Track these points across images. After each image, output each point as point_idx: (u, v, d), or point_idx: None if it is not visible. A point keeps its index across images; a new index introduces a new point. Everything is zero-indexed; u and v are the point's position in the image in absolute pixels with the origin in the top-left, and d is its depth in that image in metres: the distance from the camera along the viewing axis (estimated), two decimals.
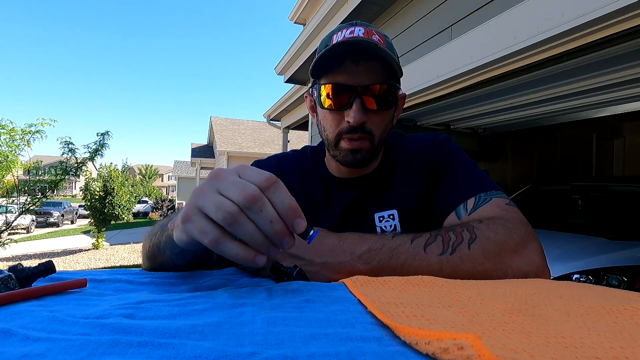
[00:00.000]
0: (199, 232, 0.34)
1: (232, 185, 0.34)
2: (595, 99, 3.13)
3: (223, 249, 0.34)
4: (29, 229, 13.56)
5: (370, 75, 0.61)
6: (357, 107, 0.60)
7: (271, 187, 0.35)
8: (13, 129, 5.58)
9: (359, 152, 0.64)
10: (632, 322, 0.24)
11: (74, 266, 7.14)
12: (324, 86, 0.63)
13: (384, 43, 0.62)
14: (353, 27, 0.62)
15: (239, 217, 0.33)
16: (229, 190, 0.34)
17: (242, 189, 0.34)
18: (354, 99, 0.60)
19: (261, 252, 0.35)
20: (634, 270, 1.94)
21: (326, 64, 0.62)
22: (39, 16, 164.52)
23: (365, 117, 0.61)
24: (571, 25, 1.61)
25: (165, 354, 0.19)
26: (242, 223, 0.33)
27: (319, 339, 0.22)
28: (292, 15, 6.56)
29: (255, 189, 0.34)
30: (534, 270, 0.48)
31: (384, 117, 0.64)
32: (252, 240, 0.34)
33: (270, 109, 6.86)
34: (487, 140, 5.10)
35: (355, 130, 0.62)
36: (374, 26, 0.65)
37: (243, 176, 0.36)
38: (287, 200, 0.35)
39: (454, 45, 2.32)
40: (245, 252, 0.34)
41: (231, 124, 15.83)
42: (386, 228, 0.66)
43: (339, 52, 0.60)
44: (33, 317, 0.25)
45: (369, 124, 0.62)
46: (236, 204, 0.33)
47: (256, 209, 0.33)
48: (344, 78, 0.61)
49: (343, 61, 0.61)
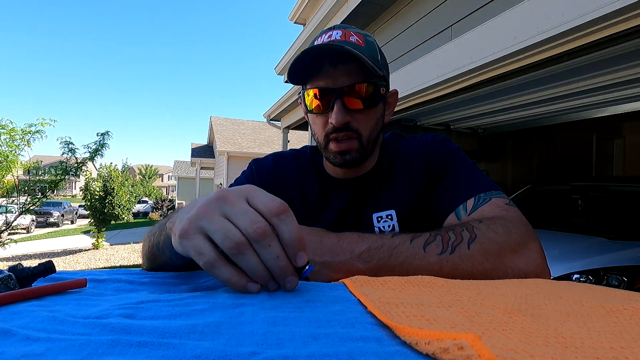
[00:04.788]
0: (195, 251, 0.33)
1: (242, 214, 0.33)
2: (595, 99, 3.14)
3: (217, 272, 0.33)
4: (29, 229, 13.57)
5: (350, 76, 0.62)
6: (338, 108, 0.62)
7: (281, 216, 0.34)
8: (13, 129, 5.58)
9: (348, 152, 0.65)
10: (632, 322, 0.24)
11: (74, 266, 7.14)
12: (307, 91, 0.65)
13: (363, 43, 0.63)
14: (331, 32, 0.65)
15: (246, 250, 0.32)
16: (239, 220, 0.33)
17: (252, 221, 0.32)
18: (335, 100, 0.62)
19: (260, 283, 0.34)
20: (634, 270, 1.94)
21: (301, 70, 0.64)
22: (40, 18, 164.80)
23: (349, 117, 0.63)
24: (571, 25, 1.61)
25: (166, 354, 0.19)
26: (248, 255, 0.32)
27: (319, 339, 0.22)
28: (292, 15, 6.56)
29: (265, 224, 0.33)
30: (534, 270, 0.47)
31: (370, 116, 0.65)
32: (253, 272, 0.33)
33: (270, 109, 6.86)
34: (487, 140, 5.10)
35: (340, 130, 0.63)
36: (354, 27, 0.67)
37: (252, 201, 0.34)
38: (295, 232, 0.34)
39: (454, 45, 2.32)
40: (238, 279, 0.33)
41: (231, 124, 15.83)
42: (384, 228, 0.66)
43: (315, 57, 0.62)
44: (33, 317, 0.25)
45: (354, 124, 0.64)
46: (244, 235, 0.32)
47: (264, 243, 0.32)
48: (324, 82, 0.63)
49: (322, 66, 0.63)
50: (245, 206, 0.34)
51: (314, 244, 0.49)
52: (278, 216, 0.34)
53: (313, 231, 0.52)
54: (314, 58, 0.62)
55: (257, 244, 0.32)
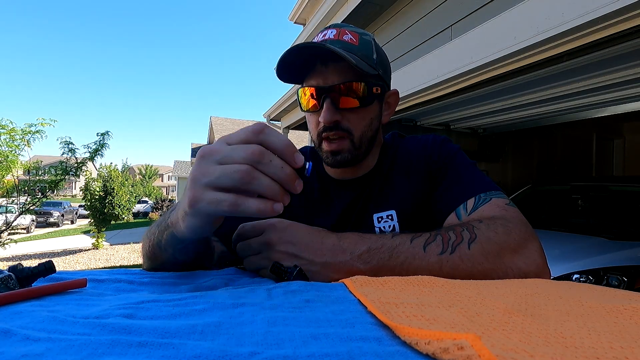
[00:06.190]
0: (214, 204, 0.34)
1: (232, 151, 0.35)
2: (595, 99, 3.14)
3: (244, 208, 0.34)
4: (29, 229, 13.57)
5: (340, 75, 0.62)
6: (327, 107, 0.62)
7: (263, 132, 0.35)
8: (13, 129, 5.58)
9: (339, 153, 0.65)
10: (632, 322, 0.24)
11: (74, 266, 7.14)
12: (300, 90, 0.66)
13: (357, 41, 0.63)
14: (326, 31, 0.65)
15: (254, 173, 0.34)
16: (233, 155, 0.34)
17: (244, 149, 0.34)
18: (324, 99, 0.62)
19: (277, 200, 0.35)
20: (634, 270, 1.94)
21: (296, 69, 0.64)
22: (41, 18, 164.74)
23: (338, 116, 0.63)
24: (571, 25, 1.61)
25: (166, 354, 0.19)
26: (258, 177, 0.34)
27: (319, 339, 0.22)
28: (292, 15, 6.57)
29: (256, 145, 0.34)
30: (534, 270, 0.47)
31: (362, 115, 0.65)
32: (270, 190, 0.34)
33: (270, 109, 6.86)
34: (487, 140, 5.10)
35: (330, 129, 0.63)
36: (352, 26, 0.67)
37: (231, 141, 0.36)
38: (282, 138, 0.36)
39: (454, 45, 2.32)
40: (265, 204, 0.35)
41: (231, 124, 15.83)
42: (385, 228, 0.66)
43: (304, 56, 0.62)
44: (33, 317, 0.25)
45: (345, 123, 0.64)
46: (245, 163, 0.34)
47: (266, 160, 0.34)
48: (316, 80, 0.63)
49: (314, 65, 0.63)
50: (227, 147, 0.35)
51: (314, 244, 0.49)
52: (259, 134, 0.35)
53: (313, 231, 0.52)
54: (304, 57, 0.62)
55: (259, 164, 0.34)
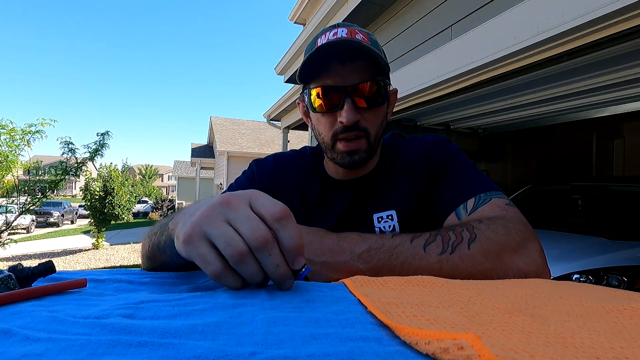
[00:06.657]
0: (201, 259, 0.33)
1: (244, 220, 0.33)
2: (595, 99, 3.14)
3: (223, 281, 0.33)
4: (29, 229, 13.57)
5: (358, 74, 0.61)
6: (349, 107, 0.60)
7: (283, 221, 0.34)
8: (13, 129, 5.58)
9: (356, 153, 0.64)
10: (632, 322, 0.24)
11: (74, 266, 7.14)
12: (314, 90, 0.63)
13: (368, 41, 0.63)
14: (336, 29, 0.63)
15: (247, 258, 0.32)
16: (241, 226, 0.33)
17: (254, 228, 0.33)
18: (345, 98, 0.61)
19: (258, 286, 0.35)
20: (634, 270, 1.94)
21: (313, 68, 0.62)
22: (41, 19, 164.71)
23: (359, 116, 0.62)
24: (571, 25, 1.61)
25: (166, 354, 0.19)
26: (248, 263, 0.33)
27: (319, 339, 0.22)
28: (292, 16, 6.56)
29: (267, 232, 0.33)
30: (534, 270, 0.47)
31: (377, 114, 0.65)
32: (252, 279, 0.34)
33: (270, 109, 6.86)
34: (487, 140, 5.10)
35: (350, 129, 0.62)
36: (357, 25, 0.66)
37: (255, 206, 0.35)
38: (295, 238, 0.34)
39: (454, 45, 2.32)
40: (241, 286, 0.34)
41: (231, 124, 15.83)
42: (385, 229, 0.66)
43: (325, 55, 0.60)
44: (33, 317, 0.25)
45: (363, 122, 0.63)
46: (246, 242, 0.32)
47: (265, 252, 0.33)
48: (333, 80, 0.61)
49: (330, 63, 0.61)
50: (247, 211, 0.34)
51: (314, 244, 0.49)
52: (280, 221, 0.34)
53: (313, 231, 0.52)
54: (323, 56, 0.60)
55: (258, 251, 0.33)
